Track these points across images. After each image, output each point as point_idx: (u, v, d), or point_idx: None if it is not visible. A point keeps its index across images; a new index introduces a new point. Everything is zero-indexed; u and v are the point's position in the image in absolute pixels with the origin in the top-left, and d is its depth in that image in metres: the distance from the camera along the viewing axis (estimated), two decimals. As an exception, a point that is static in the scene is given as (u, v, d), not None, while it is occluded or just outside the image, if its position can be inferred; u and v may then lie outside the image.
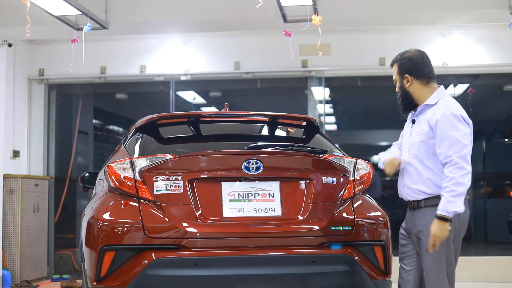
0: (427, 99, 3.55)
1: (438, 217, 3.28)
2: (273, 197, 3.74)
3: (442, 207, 3.29)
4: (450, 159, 3.33)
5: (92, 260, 3.62)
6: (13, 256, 7.24)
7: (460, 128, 3.41)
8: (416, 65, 3.58)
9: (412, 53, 3.63)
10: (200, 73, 7.94)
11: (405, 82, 3.60)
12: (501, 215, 8.48)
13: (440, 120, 3.41)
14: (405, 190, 3.61)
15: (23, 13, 5.61)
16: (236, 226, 3.63)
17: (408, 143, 3.62)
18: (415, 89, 3.58)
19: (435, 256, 3.37)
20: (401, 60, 3.63)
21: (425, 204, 3.47)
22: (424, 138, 3.49)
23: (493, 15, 6.38)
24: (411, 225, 3.56)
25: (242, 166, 3.71)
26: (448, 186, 3.29)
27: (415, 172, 3.53)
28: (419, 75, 3.57)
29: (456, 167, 3.32)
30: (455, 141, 3.36)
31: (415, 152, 3.54)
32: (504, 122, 9.29)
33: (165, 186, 3.65)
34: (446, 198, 3.28)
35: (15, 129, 7.63)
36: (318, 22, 5.76)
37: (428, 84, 3.58)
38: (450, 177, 3.30)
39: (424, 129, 3.50)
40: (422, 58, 3.60)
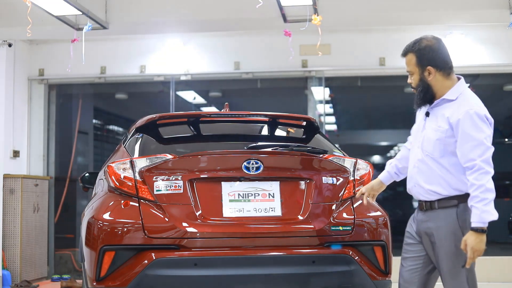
0: (446, 92, 3.24)
1: (474, 229, 3.02)
2: (273, 197, 3.74)
3: (477, 219, 3.02)
4: (473, 164, 3.06)
5: (92, 260, 3.62)
6: (13, 256, 7.24)
7: (484, 129, 3.11)
8: (439, 55, 3.27)
9: (430, 41, 3.31)
10: (200, 73, 7.94)
11: (427, 74, 3.25)
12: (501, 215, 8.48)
13: (462, 119, 3.11)
14: (416, 189, 3.29)
15: (23, 13, 5.61)
16: (236, 226, 3.63)
17: (421, 138, 3.29)
18: (437, 82, 3.24)
19: (453, 262, 3.16)
20: (420, 50, 3.28)
21: (439, 205, 3.20)
22: (442, 136, 3.18)
23: (493, 15, 6.38)
24: (423, 227, 3.27)
25: (242, 166, 3.71)
26: (478, 196, 3.03)
27: (429, 171, 3.22)
28: (443, 66, 3.26)
29: (481, 172, 3.06)
30: (478, 143, 3.07)
31: (430, 149, 3.22)
32: (504, 122, 9.29)
33: (165, 186, 3.65)
34: (480, 208, 3.03)
35: (15, 129, 7.63)
36: (318, 22, 5.76)
37: (450, 76, 3.27)
38: (478, 185, 3.04)
39: (443, 127, 3.18)
40: (443, 46, 3.30)
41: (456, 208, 3.16)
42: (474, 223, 3.03)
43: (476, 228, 3.03)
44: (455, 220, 3.14)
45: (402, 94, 8.55)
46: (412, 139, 3.44)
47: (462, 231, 3.13)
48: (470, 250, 3.02)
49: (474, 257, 3.04)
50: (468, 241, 3.03)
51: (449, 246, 3.15)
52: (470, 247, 3.02)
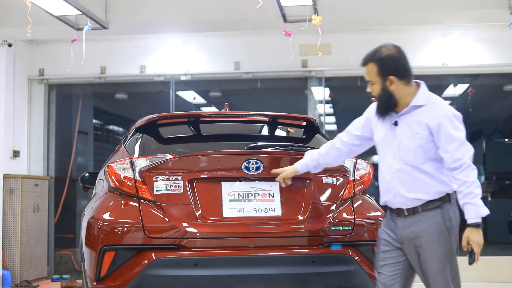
0: (411, 99, 3.22)
1: (474, 225, 3.05)
2: (273, 197, 3.74)
3: (475, 215, 3.04)
4: (461, 163, 3.09)
5: (92, 260, 3.62)
6: (13, 256, 7.24)
7: (462, 129, 3.18)
8: (400, 64, 3.23)
9: (391, 50, 3.25)
10: (200, 73, 7.94)
11: (388, 83, 3.22)
12: (501, 215, 8.49)
13: (443, 122, 3.14)
14: (398, 199, 3.24)
15: (23, 13, 5.61)
16: (236, 226, 3.63)
17: (394, 148, 3.25)
18: (399, 90, 3.22)
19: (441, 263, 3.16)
20: (382, 60, 3.23)
21: (422, 209, 3.18)
22: (422, 142, 3.17)
23: (493, 15, 6.37)
24: (406, 233, 3.21)
25: (242, 166, 3.70)
26: (472, 192, 3.06)
27: (411, 180, 3.19)
28: (404, 74, 3.23)
29: (470, 169, 3.10)
30: (461, 143, 3.13)
31: (409, 158, 3.19)
32: (504, 122, 9.30)
33: (165, 186, 3.65)
34: (476, 204, 3.05)
35: (15, 129, 7.63)
36: (318, 22, 5.76)
37: (410, 84, 3.25)
38: (470, 181, 3.07)
39: (421, 133, 3.18)
40: (404, 54, 3.26)
41: (440, 209, 3.16)
42: (472, 219, 3.05)
43: (476, 224, 3.05)
44: (441, 221, 3.15)
45: (402, 94, 8.52)
46: (378, 150, 3.40)
47: (448, 230, 3.15)
48: (476, 246, 3.05)
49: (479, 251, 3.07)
50: (472, 237, 3.05)
51: (436, 247, 3.14)
52: (475, 243, 3.05)
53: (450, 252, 3.16)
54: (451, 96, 8.36)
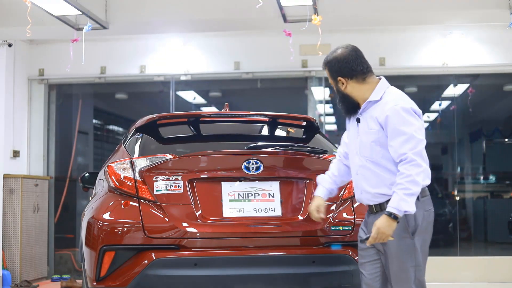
0: (369, 95, 3.22)
1: (387, 213, 3.01)
2: (273, 197, 3.74)
3: (394, 205, 3.00)
4: (405, 157, 3.04)
5: (92, 260, 3.62)
6: (13, 256, 7.24)
7: (412, 122, 3.10)
8: (345, 65, 3.24)
9: (339, 52, 3.28)
10: (200, 73, 7.94)
11: (340, 85, 3.28)
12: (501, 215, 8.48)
13: (390, 116, 3.10)
14: (364, 195, 3.27)
15: (23, 13, 5.61)
16: (236, 226, 3.63)
17: (357, 144, 3.28)
18: (353, 89, 3.26)
19: (401, 261, 3.12)
20: (329, 63, 3.30)
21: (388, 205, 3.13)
22: (375, 137, 3.17)
23: (493, 15, 6.37)
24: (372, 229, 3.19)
25: (242, 166, 3.71)
26: (403, 183, 3.00)
27: (372, 175, 3.20)
28: (352, 74, 3.24)
29: (412, 164, 3.02)
30: (408, 137, 3.06)
31: (367, 153, 3.21)
32: (504, 122, 9.29)
33: (165, 186, 3.65)
34: (399, 195, 3.00)
35: (15, 129, 7.63)
36: (318, 22, 5.76)
37: (366, 80, 3.25)
38: (406, 174, 3.01)
39: (374, 128, 3.17)
40: (350, 55, 3.26)
41: None
42: (389, 207, 3.02)
43: (389, 213, 3.01)
44: (403, 219, 3.10)
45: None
46: (348, 148, 3.42)
47: (412, 229, 3.11)
48: (375, 229, 3.03)
49: (377, 238, 3.04)
50: (377, 222, 3.04)
51: (397, 245, 3.11)
52: (376, 227, 3.03)
53: (412, 251, 3.10)
54: (451, 96, 8.37)
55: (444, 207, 9.26)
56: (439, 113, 8.99)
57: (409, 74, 7.81)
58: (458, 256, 7.64)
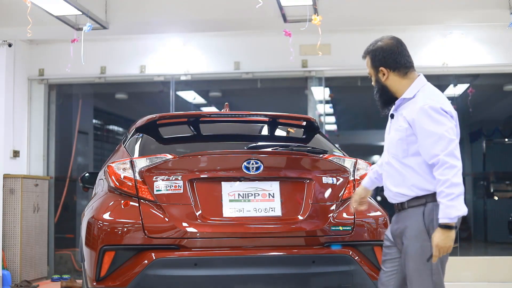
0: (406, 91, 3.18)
1: (441, 225, 2.92)
2: (273, 197, 3.74)
3: (443, 215, 2.91)
4: (437, 159, 2.95)
5: (92, 260, 3.62)
6: (13, 256, 7.24)
7: (442, 122, 3.00)
8: (390, 55, 3.20)
9: (384, 42, 3.26)
10: (200, 73, 7.94)
11: (381, 75, 3.22)
12: (501, 215, 8.49)
13: (418, 116, 3.03)
14: (387, 193, 3.23)
15: (23, 13, 5.61)
16: (236, 226, 3.63)
17: (387, 141, 3.24)
18: (393, 82, 3.20)
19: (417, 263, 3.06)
20: (373, 51, 3.25)
21: (408, 205, 3.11)
22: (403, 135, 3.10)
23: (493, 15, 6.37)
24: (395, 229, 3.20)
25: (242, 166, 3.70)
26: (443, 191, 2.91)
27: (396, 174, 3.15)
28: (395, 66, 3.19)
29: (446, 167, 2.92)
30: (438, 138, 2.96)
31: (394, 150, 3.15)
32: (504, 122, 9.30)
33: (165, 186, 3.65)
34: (445, 204, 2.91)
35: (15, 129, 7.63)
36: (318, 22, 5.75)
37: (407, 75, 3.20)
38: (443, 180, 2.92)
39: (403, 126, 3.10)
40: (396, 46, 3.23)
41: (423, 206, 3.06)
42: (440, 219, 2.94)
43: (441, 225, 2.94)
44: (421, 219, 3.05)
45: (402, 94, 8.53)
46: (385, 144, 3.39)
47: (428, 230, 3.04)
48: (435, 246, 2.95)
49: (440, 253, 2.96)
50: (434, 238, 2.96)
51: (415, 246, 3.06)
52: (435, 244, 2.95)
53: (428, 253, 3.04)
54: (451, 96, 8.36)
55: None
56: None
57: (409, 74, 7.80)
58: (458, 256, 7.64)
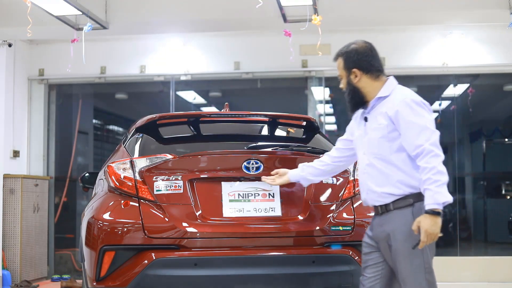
0: (377, 92, 3.21)
1: (428, 211, 2.91)
2: (273, 197, 3.74)
3: (431, 201, 2.91)
4: (422, 149, 2.97)
5: (92, 260, 3.62)
6: (13, 256, 7.24)
7: (424, 114, 3.06)
8: (364, 57, 3.23)
9: (359, 44, 3.29)
10: (200, 73, 7.94)
11: (353, 77, 3.24)
12: (501, 215, 8.49)
13: (401, 109, 3.07)
14: (369, 195, 3.20)
15: (23, 13, 5.61)
16: (236, 226, 3.63)
17: (365, 143, 3.23)
18: (365, 84, 3.22)
19: (411, 264, 3.04)
20: (347, 53, 3.27)
21: (394, 206, 3.10)
22: (384, 132, 3.11)
23: (493, 15, 6.37)
24: (379, 231, 3.16)
25: (242, 166, 3.70)
26: (430, 178, 2.92)
27: (379, 174, 3.13)
28: (369, 69, 3.22)
29: (432, 155, 2.95)
30: (422, 129, 3.01)
31: (375, 150, 3.15)
32: (504, 122, 9.29)
33: (165, 186, 3.65)
34: (432, 190, 2.91)
35: (15, 129, 7.63)
36: (318, 22, 5.75)
37: (378, 78, 3.23)
38: (429, 167, 2.93)
39: (383, 123, 3.12)
40: (370, 50, 3.27)
41: (411, 207, 3.06)
42: (428, 205, 2.93)
43: (430, 211, 2.92)
44: (411, 220, 3.01)
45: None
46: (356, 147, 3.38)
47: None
48: (423, 232, 2.92)
49: (428, 240, 2.93)
50: (422, 224, 2.93)
51: (406, 247, 3.03)
52: (423, 230, 2.92)
53: (421, 253, 3.03)
54: (451, 96, 8.37)
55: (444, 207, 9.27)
56: (439, 113, 8.98)
57: (409, 74, 7.81)
58: (458, 256, 7.64)
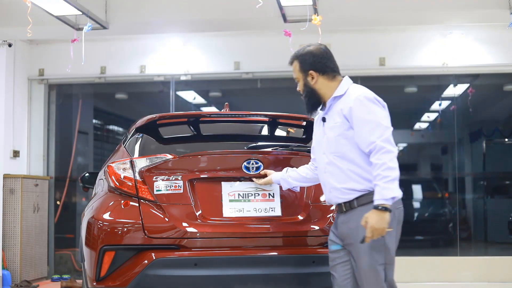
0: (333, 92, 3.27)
1: (376, 207, 2.95)
2: (273, 197, 3.74)
3: (378, 196, 2.95)
4: (374, 145, 3.02)
5: (92, 260, 3.62)
6: (13, 256, 7.24)
7: (377, 110, 3.11)
8: (320, 59, 3.29)
9: (314, 47, 3.34)
10: (200, 73, 7.94)
11: (310, 79, 3.30)
12: (501, 215, 8.49)
13: (354, 106, 3.11)
14: (332, 193, 3.23)
15: (23, 13, 5.61)
16: (236, 226, 3.63)
17: (324, 143, 3.27)
18: (322, 85, 3.29)
19: (370, 261, 3.07)
20: (302, 56, 3.32)
21: (358, 203, 3.13)
22: (341, 130, 3.17)
23: (493, 15, 6.37)
24: (344, 229, 3.19)
25: (242, 166, 3.71)
26: (380, 173, 2.96)
27: (339, 171, 3.17)
28: (325, 70, 3.29)
29: (383, 152, 2.99)
30: (375, 125, 3.05)
31: (334, 149, 3.19)
32: (504, 122, 9.29)
33: (165, 186, 3.66)
34: (381, 185, 2.95)
35: (15, 129, 7.63)
36: (318, 22, 5.76)
37: (334, 78, 3.29)
38: (380, 163, 2.98)
39: (338, 121, 3.18)
40: (325, 52, 3.32)
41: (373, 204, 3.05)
42: (375, 201, 2.97)
43: (376, 206, 2.96)
44: None
45: (402, 94, 8.55)
46: (315, 152, 3.41)
47: None
48: (369, 228, 2.96)
49: (374, 235, 2.96)
50: (369, 219, 2.96)
51: (368, 244, 3.05)
52: (369, 225, 2.95)
53: (382, 248, 3.07)
54: (451, 96, 8.36)
55: (444, 207, 9.27)
56: (439, 113, 8.99)
57: (409, 74, 7.81)
58: (458, 256, 7.64)
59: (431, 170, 10.41)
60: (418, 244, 8.85)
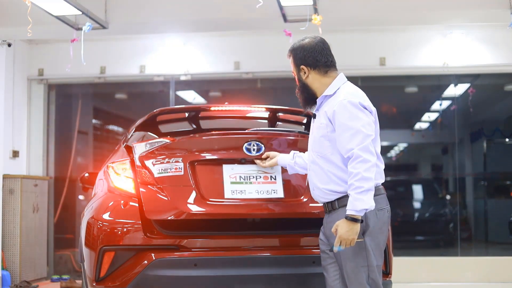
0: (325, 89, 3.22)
1: (347, 217, 2.94)
2: (275, 179, 3.70)
3: (350, 207, 2.94)
4: (351, 153, 2.98)
5: (91, 261, 3.61)
6: (13, 256, 7.23)
7: (359, 116, 3.05)
8: (310, 53, 3.23)
9: (307, 41, 3.28)
10: (200, 73, 7.94)
11: (302, 73, 3.26)
12: (501, 215, 8.48)
13: (337, 110, 3.07)
14: (316, 192, 3.24)
15: (23, 12, 5.60)
16: (239, 207, 3.60)
17: (310, 141, 3.28)
18: (314, 81, 3.24)
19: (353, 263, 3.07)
20: (294, 50, 3.29)
21: (339, 204, 3.11)
22: (325, 132, 3.14)
23: (493, 15, 6.36)
24: (328, 229, 3.18)
25: (243, 148, 3.68)
26: (353, 183, 2.94)
27: (322, 171, 3.16)
28: (315, 64, 3.22)
29: (359, 161, 2.96)
30: (355, 132, 3.00)
31: (317, 148, 3.19)
32: (505, 122, 9.29)
33: (166, 169, 3.65)
34: (353, 196, 2.94)
35: (15, 129, 7.62)
36: (318, 22, 5.75)
37: (328, 74, 3.23)
38: (354, 173, 2.95)
39: (323, 122, 3.15)
40: (318, 45, 3.25)
41: None
42: (347, 211, 2.96)
43: (347, 216, 2.95)
44: None
45: (402, 94, 8.55)
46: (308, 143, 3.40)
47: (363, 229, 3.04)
48: (337, 237, 2.97)
49: (342, 245, 2.97)
50: (339, 228, 2.98)
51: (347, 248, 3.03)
52: (338, 234, 2.97)
53: (362, 251, 3.05)
54: (451, 96, 8.36)
55: (444, 207, 9.26)
56: (440, 113, 8.99)
57: (410, 74, 7.81)
58: (459, 256, 7.63)
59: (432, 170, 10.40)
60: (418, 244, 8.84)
